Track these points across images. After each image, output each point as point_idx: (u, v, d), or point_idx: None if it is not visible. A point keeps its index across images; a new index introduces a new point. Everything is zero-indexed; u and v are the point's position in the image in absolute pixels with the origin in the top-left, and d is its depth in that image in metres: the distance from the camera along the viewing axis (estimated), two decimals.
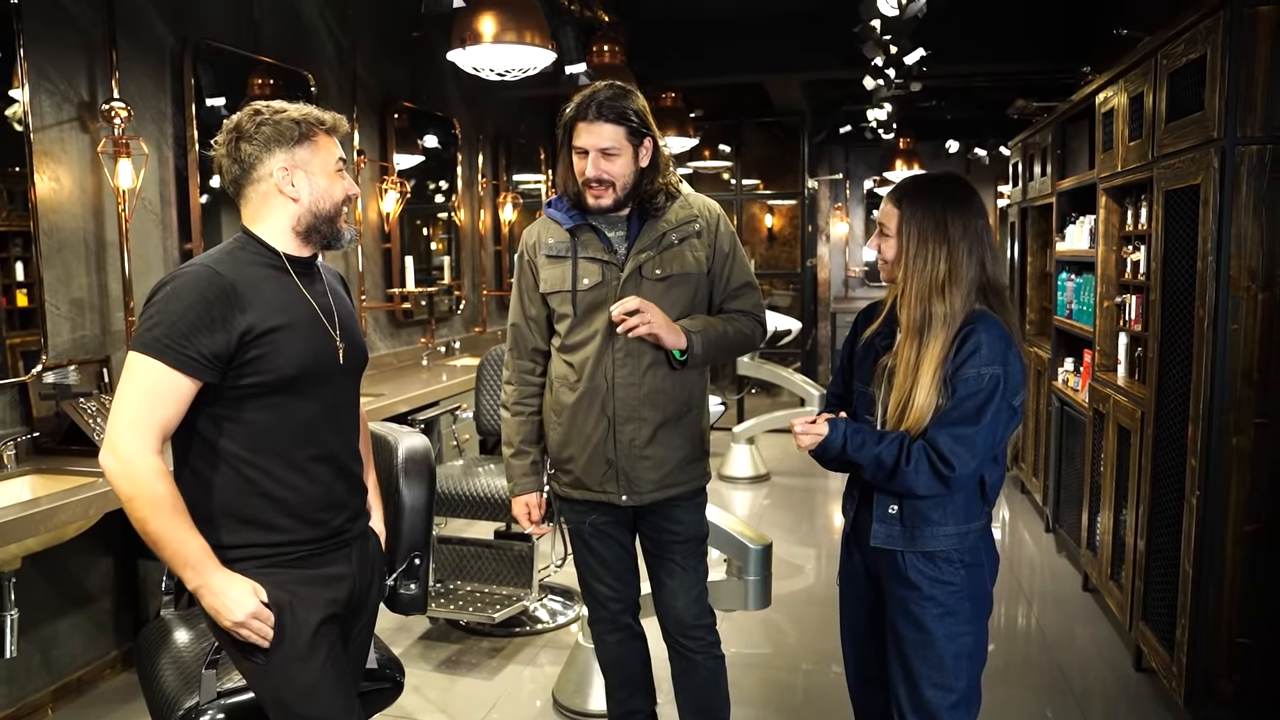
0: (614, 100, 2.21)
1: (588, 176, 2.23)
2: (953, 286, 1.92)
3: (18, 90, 3.05)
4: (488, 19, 3.67)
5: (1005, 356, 1.92)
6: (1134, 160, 3.40)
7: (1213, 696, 2.84)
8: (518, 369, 2.46)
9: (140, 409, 1.66)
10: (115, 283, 3.46)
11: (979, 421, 1.90)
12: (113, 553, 3.47)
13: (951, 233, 1.94)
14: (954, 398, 1.91)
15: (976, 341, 1.91)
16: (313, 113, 1.82)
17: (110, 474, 1.66)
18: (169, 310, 1.67)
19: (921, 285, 1.94)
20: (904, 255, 1.97)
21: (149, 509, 1.65)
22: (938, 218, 1.95)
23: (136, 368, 1.66)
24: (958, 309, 1.93)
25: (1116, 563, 3.64)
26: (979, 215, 1.98)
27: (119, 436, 1.65)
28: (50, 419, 3.16)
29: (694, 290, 2.35)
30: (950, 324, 1.92)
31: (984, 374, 1.90)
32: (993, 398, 1.90)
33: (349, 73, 4.94)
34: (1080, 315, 4.39)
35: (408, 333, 5.60)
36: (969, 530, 2.01)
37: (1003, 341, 1.93)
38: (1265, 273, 2.67)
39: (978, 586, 2.04)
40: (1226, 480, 2.75)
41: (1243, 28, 2.59)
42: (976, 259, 1.95)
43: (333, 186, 1.84)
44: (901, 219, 1.98)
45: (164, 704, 2.01)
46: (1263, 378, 2.70)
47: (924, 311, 1.93)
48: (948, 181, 2.04)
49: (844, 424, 1.98)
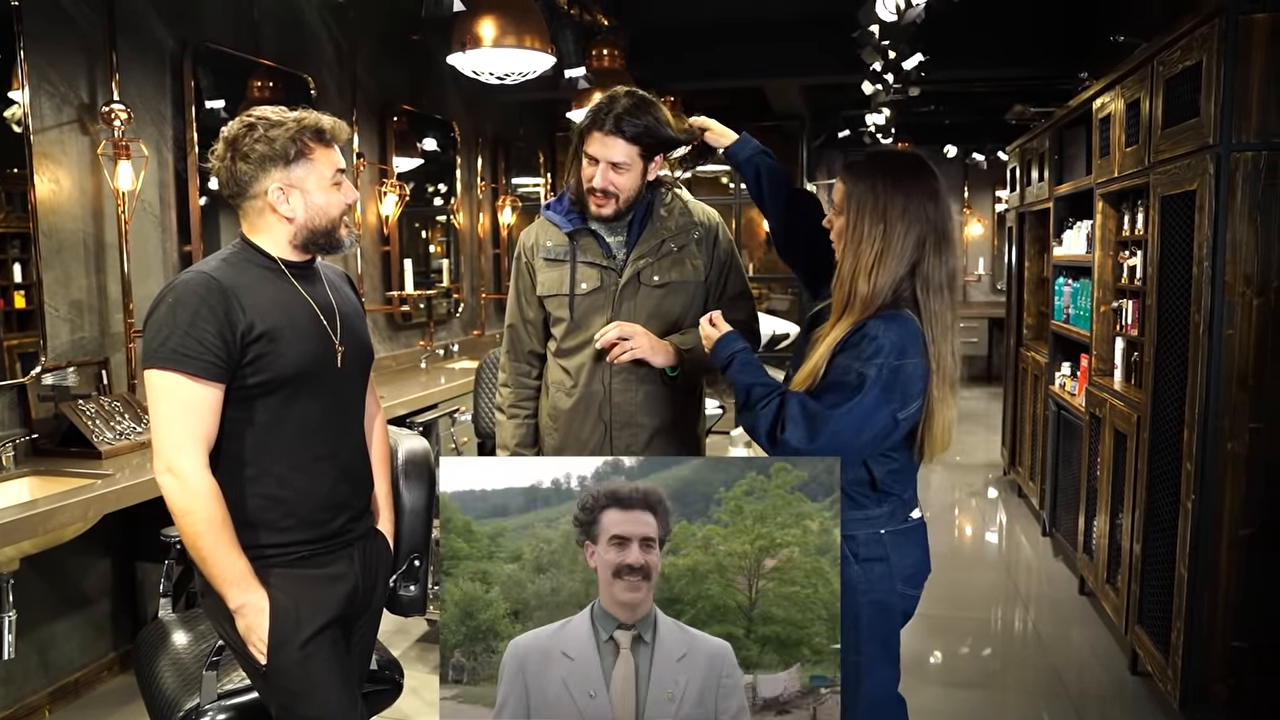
0: (632, 115, 2.17)
1: (594, 186, 2.22)
2: (880, 268, 1.81)
3: (18, 92, 3.06)
4: (487, 23, 3.68)
5: (896, 363, 1.78)
6: (1131, 166, 3.41)
7: (1207, 700, 2.85)
8: (514, 372, 2.46)
9: (181, 426, 1.68)
10: (114, 285, 3.46)
11: (833, 408, 1.77)
12: (111, 555, 3.47)
13: (890, 212, 1.82)
14: (822, 378, 1.82)
15: (863, 334, 1.79)
16: (309, 123, 1.79)
17: (168, 490, 1.68)
18: (176, 321, 1.68)
19: (853, 264, 1.84)
20: (847, 231, 1.86)
21: (203, 525, 1.68)
22: (877, 194, 1.83)
23: (162, 386, 1.68)
24: (879, 289, 1.81)
25: (1112, 566, 3.65)
26: (928, 197, 1.85)
27: (172, 455, 1.67)
28: (49, 420, 3.17)
29: (691, 298, 2.35)
30: (868, 306, 1.82)
31: (853, 368, 1.78)
32: (855, 395, 1.76)
33: (349, 75, 4.95)
34: (1077, 320, 4.41)
35: (406, 335, 5.61)
36: (853, 519, 1.88)
37: (898, 347, 1.78)
38: (1260, 278, 2.68)
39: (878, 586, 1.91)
40: (1221, 484, 2.76)
41: (1238, 35, 2.60)
42: (914, 241, 1.83)
43: (329, 202, 1.82)
44: (845, 194, 1.88)
45: (164, 705, 2.01)
46: (1257, 383, 2.71)
47: (849, 290, 1.84)
48: (898, 158, 1.93)
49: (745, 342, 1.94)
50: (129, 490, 2.81)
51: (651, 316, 2.29)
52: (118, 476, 2.88)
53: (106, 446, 3.10)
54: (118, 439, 3.16)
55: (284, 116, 1.79)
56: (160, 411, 1.69)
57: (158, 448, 1.69)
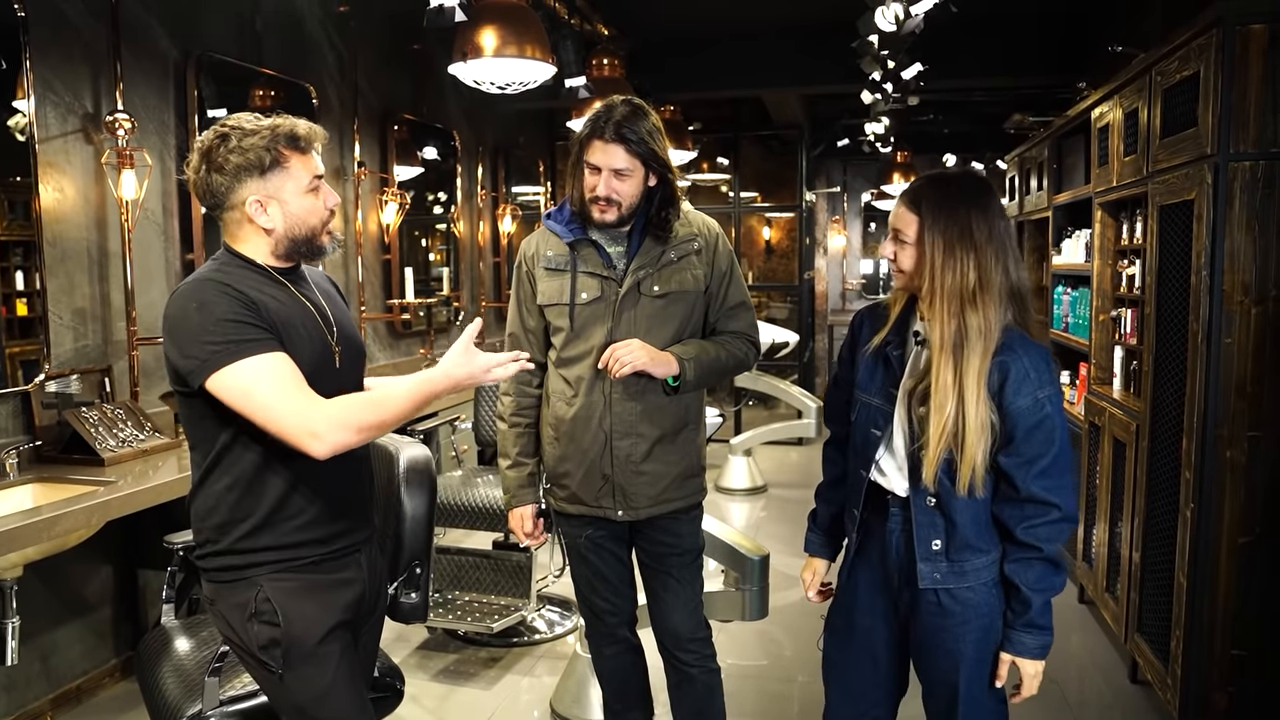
0: (630, 121, 2.20)
1: (597, 194, 2.24)
2: (985, 295, 1.78)
3: (23, 101, 3.08)
4: (488, 33, 3.70)
5: (1052, 376, 1.83)
6: (1129, 175, 3.43)
7: (1207, 709, 2.85)
8: (515, 380, 2.46)
9: (283, 396, 1.65)
10: (118, 293, 3.48)
11: (1055, 444, 1.81)
12: (113, 561, 3.48)
13: (978, 238, 1.79)
14: (1019, 431, 1.80)
15: (1022, 367, 1.80)
16: (284, 130, 1.76)
17: (334, 446, 1.65)
18: (217, 319, 1.66)
19: (951, 297, 1.79)
20: (928, 265, 1.82)
21: (372, 418, 1.69)
22: (963, 223, 1.80)
23: (243, 380, 1.64)
24: (993, 320, 1.79)
25: (1112, 575, 3.65)
26: (1001, 216, 1.84)
27: (300, 426, 1.64)
28: (52, 428, 3.18)
29: (690, 308, 2.36)
30: (988, 336, 1.79)
31: (1040, 398, 1.80)
32: (1057, 419, 1.81)
33: (350, 85, 4.97)
34: (1076, 329, 4.42)
35: (407, 344, 5.62)
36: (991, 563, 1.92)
37: (1045, 361, 1.83)
38: (1258, 287, 2.69)
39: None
40: (1220, 493, 2.77)
41: (1235, 45, 2.62)
42: (1003, 264, 1.81)
43: (308, 210, 1.80)
44: (923, 226, 1.82)
45: (166, 712, 2.02)
46: (1256, 391, 2.72)
47: (958, 326, 1.79)
48: (969, 181, 1.88)
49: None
50: (132, 497, 2.82)
51: (652, 327, 2.31)
52: (121, 484, 2.89)
53: (109, 454, 3.10)
54: (120, 446, 3.17)
55: (258, 125, 1.76)
56: (256, 402, 1.64)
57: (284, 431, 1.64)
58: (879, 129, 6.93)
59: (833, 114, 8.83)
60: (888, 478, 1.95)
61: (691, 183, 9.05)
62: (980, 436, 1.78)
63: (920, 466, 1.85)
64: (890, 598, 2.00)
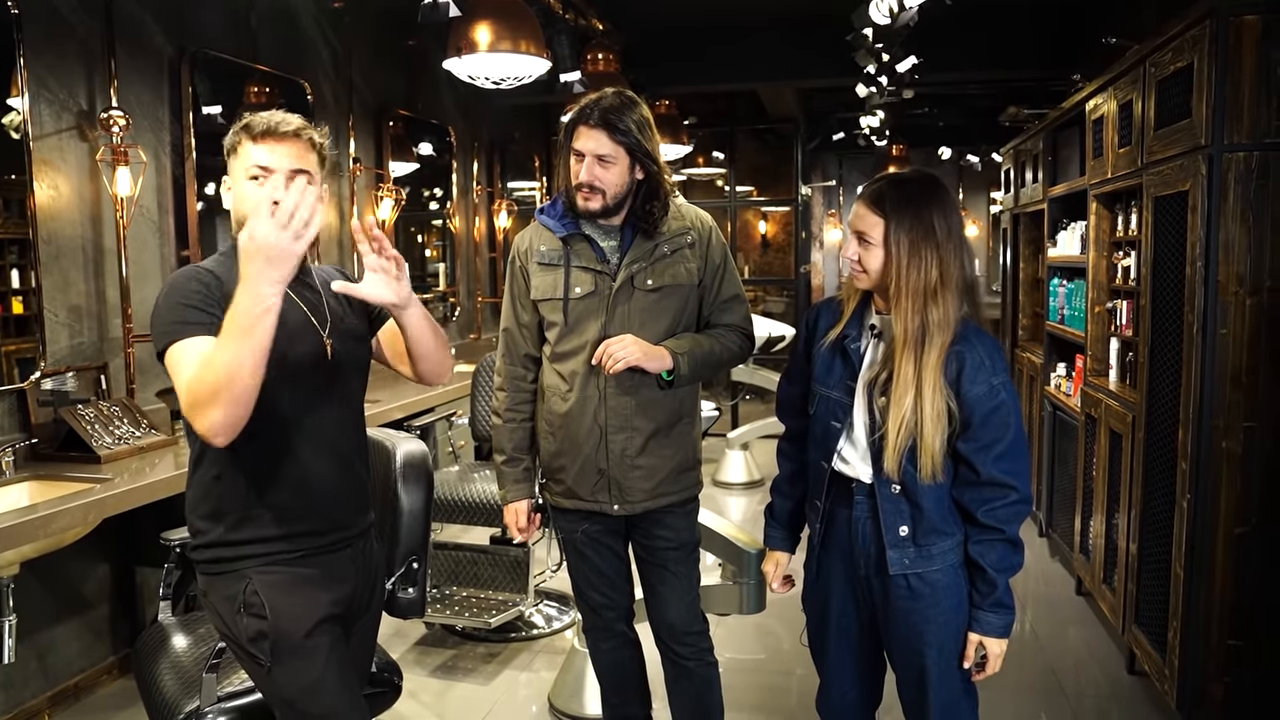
0: (618, 110, 2.21)
1: (580, 180, 2.24)
2: (945, 291, 1.87)
3: (17, 99, 3.07)
4: (483, 28, 3.70)
5: (1004, 364, 1.91)
6: (1124, 167, 3.43)
7: (1204, 699, 2.86)
8: (510, 375, 2.46)
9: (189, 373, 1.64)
10: (113, 290, 3.47)
11: (1011, 428, 1.89)
12: (109, 559, 3.48)
13: (940, 236, 1.87)
14: (975, 417, 1.88)
15: (977, 356, 1.88)
16: (245, 120, 1.80)
17: (210, 430, 1.59)
18: (173, 302, 1.73)
19: (916, 294, 1.87)
20: (894, 265, 1.88)
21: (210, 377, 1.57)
22: (926, 223, 1.87)
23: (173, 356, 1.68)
24: (952, 313, 1.87)
25: (1109, 567, 3.66)
26: (956, 212, 1.93)
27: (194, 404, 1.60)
28: (48, 425, 3.17)
29: (684, 302, 2.36)
30: (945, 329, 1.87)
31: (994, 385, 1.88)
32: (1011, 404, 1.89)
33: (345, 81, 4.96)
34: (1072, 320, 4.43)
35: None
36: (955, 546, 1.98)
37: (997, 350, 1.92)
38: (1253, 278, 2.70)
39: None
40: (1217, 484, 2.78)
41: (1229, 37, 2.62)
42: (959, 259, 1.89)
43: (239, 198, 1.79)
44: (889, 227, 1.89)
45: (163, 708, 2.02)
46: (1251, 382, 2.73)
47: (921, 321, 1.86)
48: (928, 181, 1.96)
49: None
50: (128, 494, 2.82)
51: (645, 321, 2.30)
52: (117, 481, 2.89)
53: (105, 451, 3.10)
54: (117, 444, 3.17)
55: (253, 116, 1.82)
56: (177, 385, 1.66)
57: (185, 404, 1.62)
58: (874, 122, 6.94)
59: (828, 108, 8.83)
60: (851, 465, 2.00)
61: (687, 177, 9.05)
62: (937, 424, 1.86)
63: (882, 455, 1.92)
64: (858, 585, 2.05)
